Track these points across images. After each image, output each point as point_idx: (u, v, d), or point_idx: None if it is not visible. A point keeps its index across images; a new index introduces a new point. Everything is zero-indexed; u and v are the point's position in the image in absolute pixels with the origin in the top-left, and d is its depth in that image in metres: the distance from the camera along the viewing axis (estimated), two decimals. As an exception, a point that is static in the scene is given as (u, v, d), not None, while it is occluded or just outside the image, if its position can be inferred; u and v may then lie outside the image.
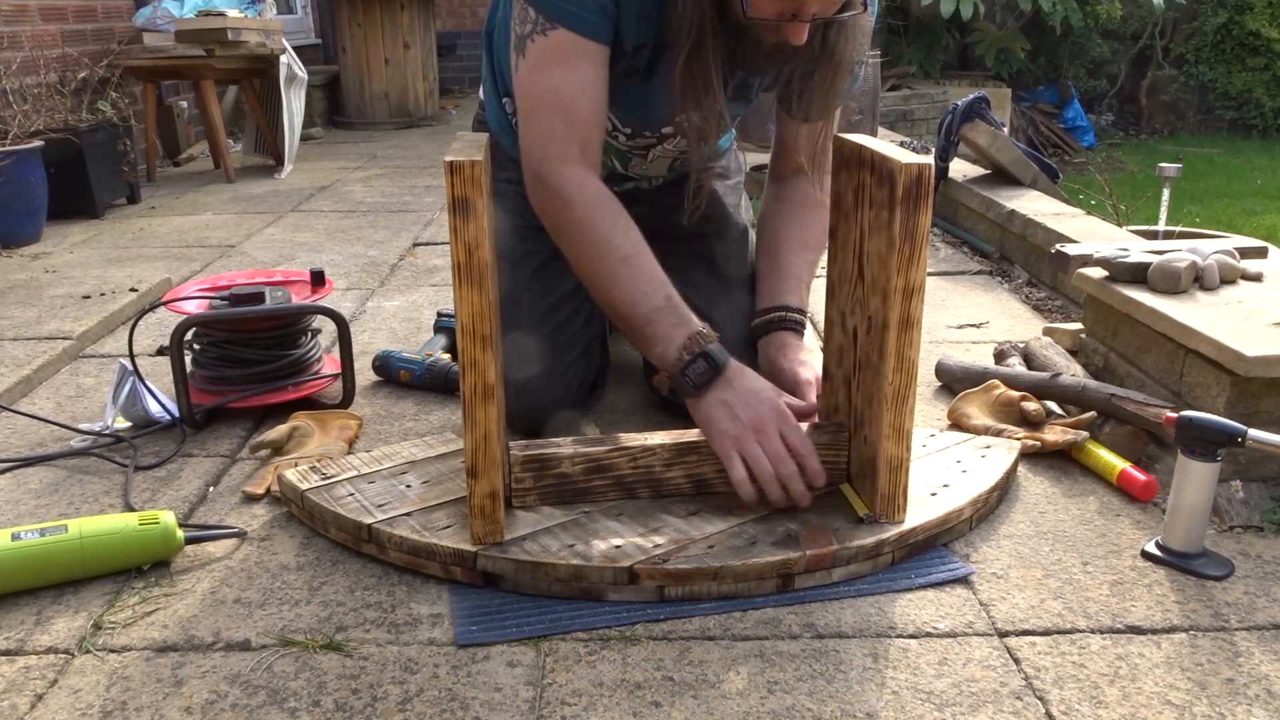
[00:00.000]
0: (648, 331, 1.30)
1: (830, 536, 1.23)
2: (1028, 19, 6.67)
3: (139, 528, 1.25)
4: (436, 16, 6.16)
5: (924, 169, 1.13)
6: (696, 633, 1.14)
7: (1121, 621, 1.15)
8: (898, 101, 5.77)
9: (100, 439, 1.63)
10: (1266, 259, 1.86)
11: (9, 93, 3.29)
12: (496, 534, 1.21)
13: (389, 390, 1.85)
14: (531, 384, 1.53)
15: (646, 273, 1.31)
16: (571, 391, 1.57)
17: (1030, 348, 1.84)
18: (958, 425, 1.63)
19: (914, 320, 1.18)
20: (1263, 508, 1.37)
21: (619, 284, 1.31)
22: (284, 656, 1.10)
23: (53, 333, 2.09)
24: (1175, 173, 2.61)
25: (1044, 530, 1.35)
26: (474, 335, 1.12)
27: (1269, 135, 7.52)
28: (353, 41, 5.72)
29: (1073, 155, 6.80)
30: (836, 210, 1.36)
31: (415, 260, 2.82)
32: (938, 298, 2.40)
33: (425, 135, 5.48)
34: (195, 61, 3.88)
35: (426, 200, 3.65)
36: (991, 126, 2.87)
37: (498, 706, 1.02)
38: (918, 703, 1.02)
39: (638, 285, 1.30)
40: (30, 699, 1.04)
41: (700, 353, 1.27)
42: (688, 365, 1.26)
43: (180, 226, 3.24)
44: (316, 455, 1.52)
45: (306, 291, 1.79)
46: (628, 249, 1.31)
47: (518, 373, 1.52)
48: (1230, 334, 1.39)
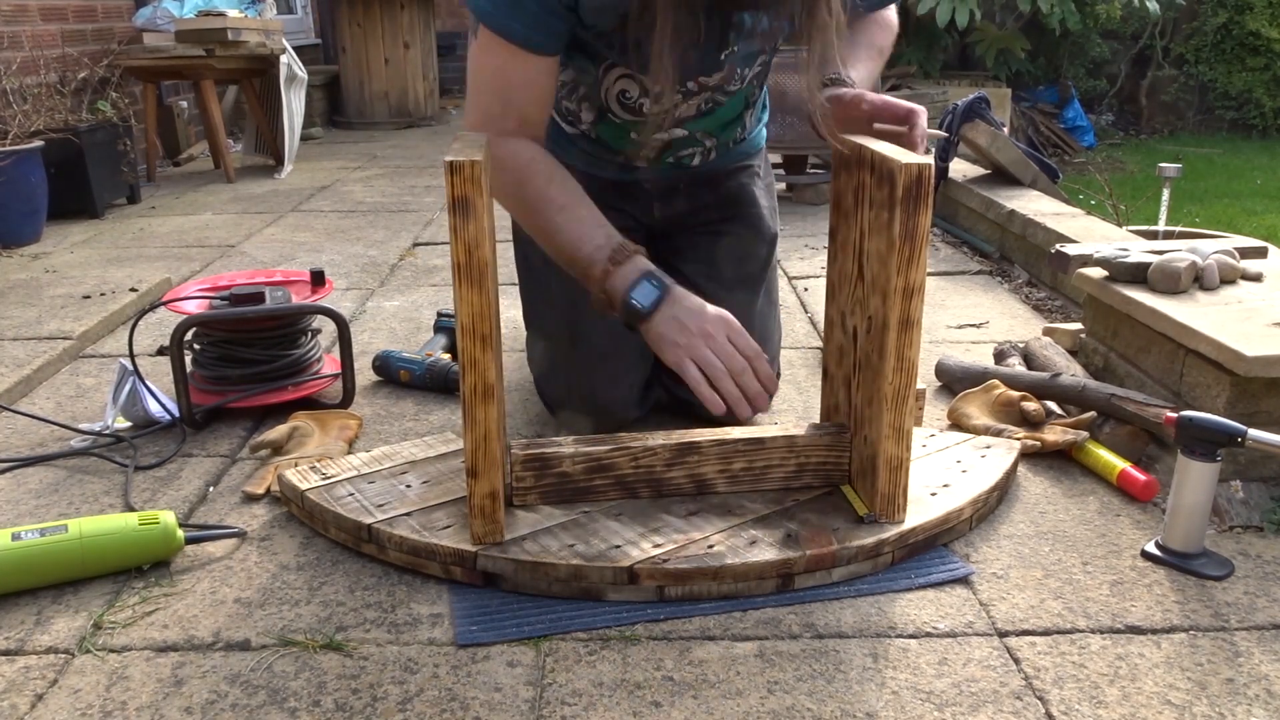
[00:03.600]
0: (594, 271, 1.33)
1: (830, 536, 1.24)
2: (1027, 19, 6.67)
3: (139, 528, 1.25)
4: (436, 16, 6.16)
5: (924, 169, 1.13)
6: (696, 633, 1.14)
7: (1121, 621, 1.15)
8: (898, 101, 5.76)
9: (100, 439, 1.63)
10: (1266, 259, 1.86)
11: (9, 93, 3.29)
12: (496, 534, 1.21)
13: (389, 390, 1.85)
14: (597, 386, 1.55)
15: (584, 218, 1.36)
16: (635, 392, 1.59)
17: (1030, 348, 1.84)
18: (958, 425, 1.63)
19: (914, 320, 1.18)
20: (1263, 508, 1.37)
21: (560, 231, 1.36)
22: (284, 656, 1.10)
23: (53, 333, 2.09)
24: (1175, 173, 2.60)
25: (1044, 530, 1.35)
26: (474, 335, 1.12)
27: (1269, 135, 7.51)
28: (353, 41, 5.72)
29: (1073, 155, 6.80)
30: (836, 210, 1.36)
31: (415, 260, 2.82)
32: (938, 298, 2.40)
33: (425, 135, 5.48)
34: (195, 61, 3.88)
35: (426, 200, 3.65)
36: (991, 126, 2.87)
37: (498, 706, 1.02)
38: (918, 703, 1.02)
39: (577, 229, 1.35)
40: (30, 699, 1.04)
41: (644, 273, 1.31)
42: (633, 287, 1.30)
43: (180, 226, 3.24)
44: (316, 455, 1.52)
45: (306, 291, 1.79)
46: (563, 199, 1.36)
47: (583, 375, 1.55)
48: (1230, 334, 1.39)
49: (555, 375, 1.62)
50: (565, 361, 1.58)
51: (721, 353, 1.28)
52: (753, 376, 1.30)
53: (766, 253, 1.69)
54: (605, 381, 1.56)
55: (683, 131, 1.55)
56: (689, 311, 1.30)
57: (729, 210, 1.66)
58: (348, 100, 5.85)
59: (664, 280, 1.32)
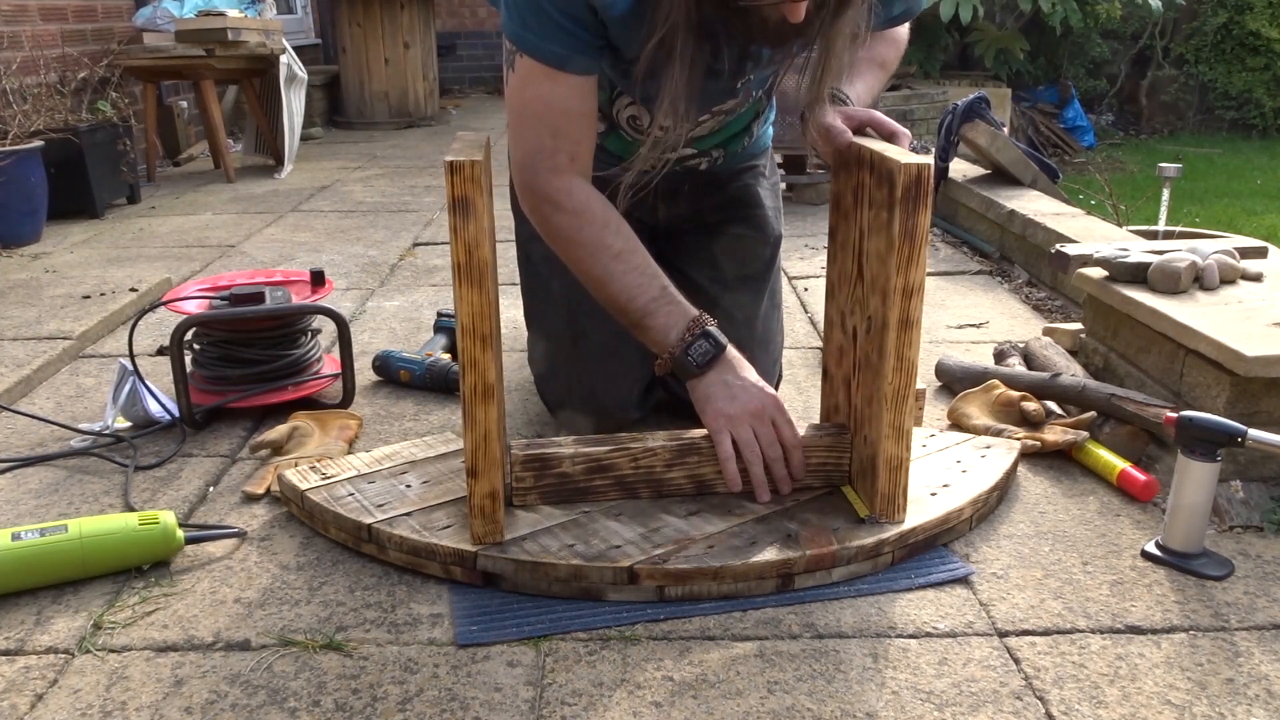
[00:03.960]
0: (647, 322, 1.33)
1: (830, 536, 1.24)
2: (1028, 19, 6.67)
3: (139, 528, 1.25)
4: (436, 16, 6.16)
5: (923, 169, 1.13)
6: (696, 633, 1.14)
7: (1121, 621, 1.15)
8: (898, 101, 5.77)
9: (100, 439, 1.63)
10: (1266, 259, 1.86)
11: (9, 93, 3.29)
12: (496, 534, 1.21)
13: (389, 390, 1.85)
14: (597, 386, 1.55)
15: (641, 266, 1.34)
16: (636, 392, 1.59)
17: (1030, 348, 1.84)
18: (958, 425, 1.63)
19: (914, 320, 1.18)
20: (1263, 508, 1.37)
21: (614, 279, 1.34)
22: (284, 656, 1.10)
23: (53, 333, 2.09)
24: (1175, 173, 2.61)
25: (1044, 530, 1.35)
26: (474, 335, 1.12)
27: (1269, 135, 7.51)
28: (353, 41, 5.72)
29: (1073, 155, 6.80)
30: (836, 210, 1.36)
31: (415, 260, 2.82)
32: (938, 298, 2.40)
33: (425, 135, 5.48)
34: (195, 61, 3.88)
35: (426, 200, 3.65)
36: (991, 126, 2.87)
37: (498, 706, 1.02)
38: (918, 703, 1.02)
39: (633, 279, 1.33)
40: (30, 699, 1.04)
41: (701, 333, 1.31)
42: (690, 345, 1.30)
43: (180, 226, 3.24)
44: (316, 455, 1.52)
45: (306, 291, 1.79)
46: (619, 245, 1.34)
47: (583, 375, 1.54)
48: (1230, 334, 1.39)
49: (556, 375, 1.62)
50: (566, 361, 1.58)
51: (764, 439, 1.30)
52: (783, 465, 1.31)
53: (770, 254, 1.68)
54: (606, 382, 1.56)
55: (691, 150, 1.55)
56: (742, 383, 1.30)
57: (733, 211, 1.66)
58: (348, 100, 5.85)
59: (720, 339, 1.32)
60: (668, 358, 1.32)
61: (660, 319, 1.32)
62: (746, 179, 1.68)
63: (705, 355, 1.30)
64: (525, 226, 1.68)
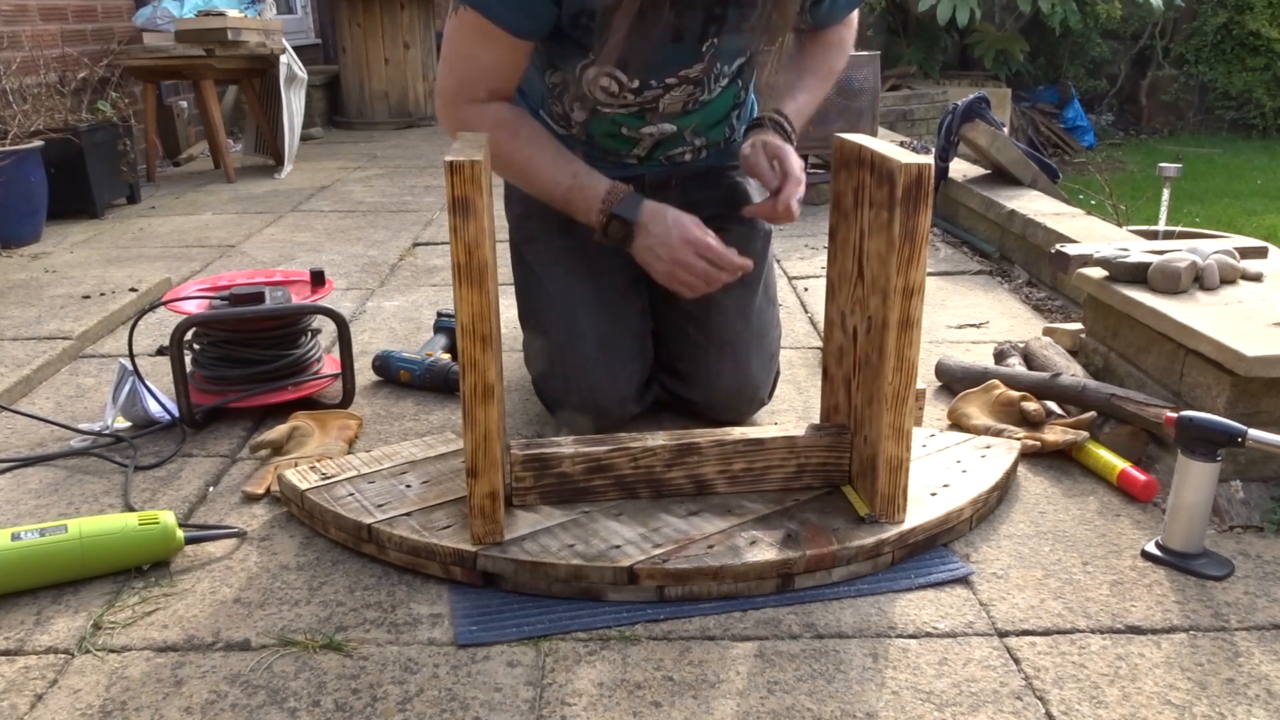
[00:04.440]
0: (570, 208, 1.49)
1: (830, 536, 1.24)
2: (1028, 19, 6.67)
3: (139, 528, 1.25)
4: (436, 16, 6.15)
5: (924, 169, 1.13)
6: (696, 633, 1.14)
7: (1121, 621, 1.15)
8: (898, 101, 5.77)
9: (100, 439, 1.63)
10: (1266, 259, 1.86)
11: (9, 93, 3.29)
12: (496, 534, 1.21)
13: (389, 390, 1.85)
14: (595, 380, 1.56)
15: (553, 159, 1.48)
16: (633, 388, 1.60)
17: (1030, 348, 1.84)
18: (958, 425, 1.63)
19: (914, 320, 1.18)
20: (1263, 508, 1.37)
21: (535, 175, 1.49)
22: (284, 656, 1.10)
23: (53, 333, 2.09)
24: (1175, 173, 2.61)
25: (1044, 530, 1.35)
26: (474, 335, 1.12)
27: (1269, 135, 7.52)
28: (353, 41, 5.72)
29: (1073, 155, 6.80)
30: (836, 210, 1.36)
31: (415, 260, 2.82)
32: (938, 298, 2.40)
33: (425, 135, 5.48)
34: (195, 61, 3.88)
35: (426, 200, 3.65)
36: (991, 126, 2.87)
37: (498, 706, 1.02)
38: (918, 703, 1.02)
39: (548, 173, 1.48)
40: (30, 699, 1.04)
41: (612, 215, 1.45)
42: (607, 227, 1.46)
43: (180, 226, 3.24)
44: (316, 455, 1.52)
45: (306, 291, 1.79)
46: (532, 146, 1.48)
47: (580, 370, 1.56)
48: (1230, 334, 1.39)
49: (553, 372, 1.62)
50: (563, 357, 1.58)
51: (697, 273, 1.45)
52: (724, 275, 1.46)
53: (761, 247, 1.70)
54: (603, 375, 1.56)
55: (671, 128, 1.58)
56: (659, 239, 1.45)
57: (723, 207, 1.67)
58: (348, 100, 5.85)
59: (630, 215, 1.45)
60: (601, 237, 1.47)
61: (579, 204, 1.47)
62: (734, 176, 1.72)
63: (620, 231, 1.45)
64: (518, 228, 1.69)
